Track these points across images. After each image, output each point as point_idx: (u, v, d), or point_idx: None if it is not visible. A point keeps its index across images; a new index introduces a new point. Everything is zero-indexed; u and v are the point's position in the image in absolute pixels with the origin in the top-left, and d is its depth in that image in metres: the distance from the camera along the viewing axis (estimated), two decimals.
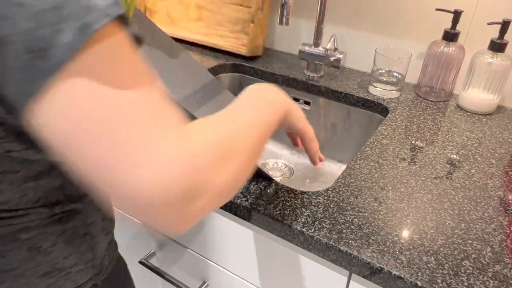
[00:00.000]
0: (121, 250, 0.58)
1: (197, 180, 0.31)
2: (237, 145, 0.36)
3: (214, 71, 1.02)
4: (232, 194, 0.36)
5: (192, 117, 0.55)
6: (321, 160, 0.62)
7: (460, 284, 0.47)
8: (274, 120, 0.46)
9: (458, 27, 0.86)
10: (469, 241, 0.53)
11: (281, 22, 0.86)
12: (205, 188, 0.31)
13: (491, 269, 0.49)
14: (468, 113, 0.86)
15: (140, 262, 0.80)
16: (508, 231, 0.55)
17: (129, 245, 0.88)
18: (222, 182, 0.33)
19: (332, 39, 0.94)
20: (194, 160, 0.30)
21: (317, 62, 0.97)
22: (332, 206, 0.57)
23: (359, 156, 0.69)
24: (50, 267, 0.46)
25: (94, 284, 0.51)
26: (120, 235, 0.88)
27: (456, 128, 0.80)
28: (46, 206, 0.43)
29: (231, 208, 0.59)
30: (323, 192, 0.60)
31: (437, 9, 0.86)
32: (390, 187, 0.62)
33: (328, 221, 0.55)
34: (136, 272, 0.89)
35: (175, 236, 0.76)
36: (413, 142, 0.74)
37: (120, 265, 0.59)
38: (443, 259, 0.50)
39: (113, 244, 0.56)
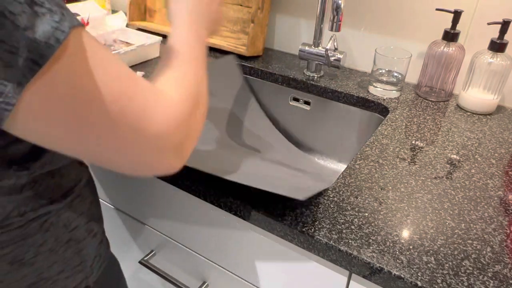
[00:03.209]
0: (121, 250, 0.59)
1: (187, 126, 0.40)
2: (199, 92, 0.44)
3: None
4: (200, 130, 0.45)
5: None
6: None
7: (460, 284, 0.47)
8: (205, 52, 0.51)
9: (458, 27, 0.86)
10: (469, 241, 0.53)
11: (331, 28, 0.85)
12: (191, 130, 0.41)
13: (491, 269, 0.49)
14: (468, 113, 0.86)
15: (140, 262, 0.80)
16: (508, 231, 0.55)
17: (129, 245, 0.88)
18: (199, 124, 0.43)
19: (332, 39, 0.94)
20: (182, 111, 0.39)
21: (317, 62, 0.97)
22: (332, 206, 0.57)
23: (359, 156, 0.69)
24: (36, 278, 0.46)
25: (86, 286, 0.51)
26: (120, 235, 0.88)
27: (456, 128, 0.80)
28: (19, 216, 0.42)
29: (231, 207, 0.59)
30: (323, 192, 0.60)
31: (437, 9, 0.86)
32: (390, 187, 0.62)
33: (328, 221, 0.55)
34: (136, 272, 0.89)
35: (175, 236, 0.76)
36: (413, 142, 0.74)
37: (113, 264, 0.59)
38: (443, 259, 0.50)
39: (104, 244, 0.55)
